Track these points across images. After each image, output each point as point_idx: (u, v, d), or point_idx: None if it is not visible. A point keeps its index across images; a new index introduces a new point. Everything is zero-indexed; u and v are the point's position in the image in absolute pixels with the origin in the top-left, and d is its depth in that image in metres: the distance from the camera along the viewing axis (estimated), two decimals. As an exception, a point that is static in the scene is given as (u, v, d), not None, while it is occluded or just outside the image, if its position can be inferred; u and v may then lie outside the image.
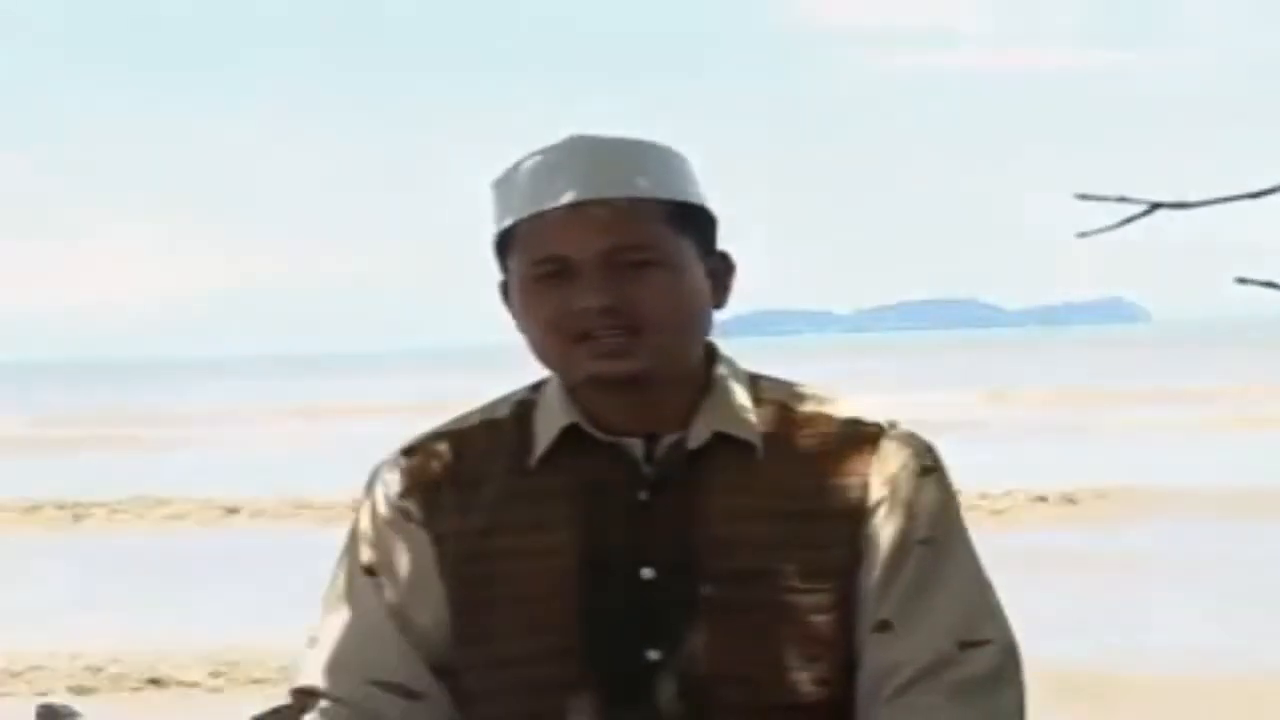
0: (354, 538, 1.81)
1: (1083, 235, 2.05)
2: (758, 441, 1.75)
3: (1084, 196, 2.04)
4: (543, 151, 1.76)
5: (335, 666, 1.76)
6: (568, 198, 1.71)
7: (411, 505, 1.78)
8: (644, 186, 1.73)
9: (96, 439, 27.99)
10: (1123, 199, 2.12)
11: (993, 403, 32.36)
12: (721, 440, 1.75)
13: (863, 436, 1.77)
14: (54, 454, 25.42)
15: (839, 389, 1.85)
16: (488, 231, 1.81)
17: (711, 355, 1.80)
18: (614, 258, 1.71)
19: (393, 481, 1.80)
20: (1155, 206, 2.14)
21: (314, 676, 1.77)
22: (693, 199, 1.76)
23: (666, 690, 1.69)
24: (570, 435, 1.76)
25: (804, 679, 1.71)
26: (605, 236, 1.71)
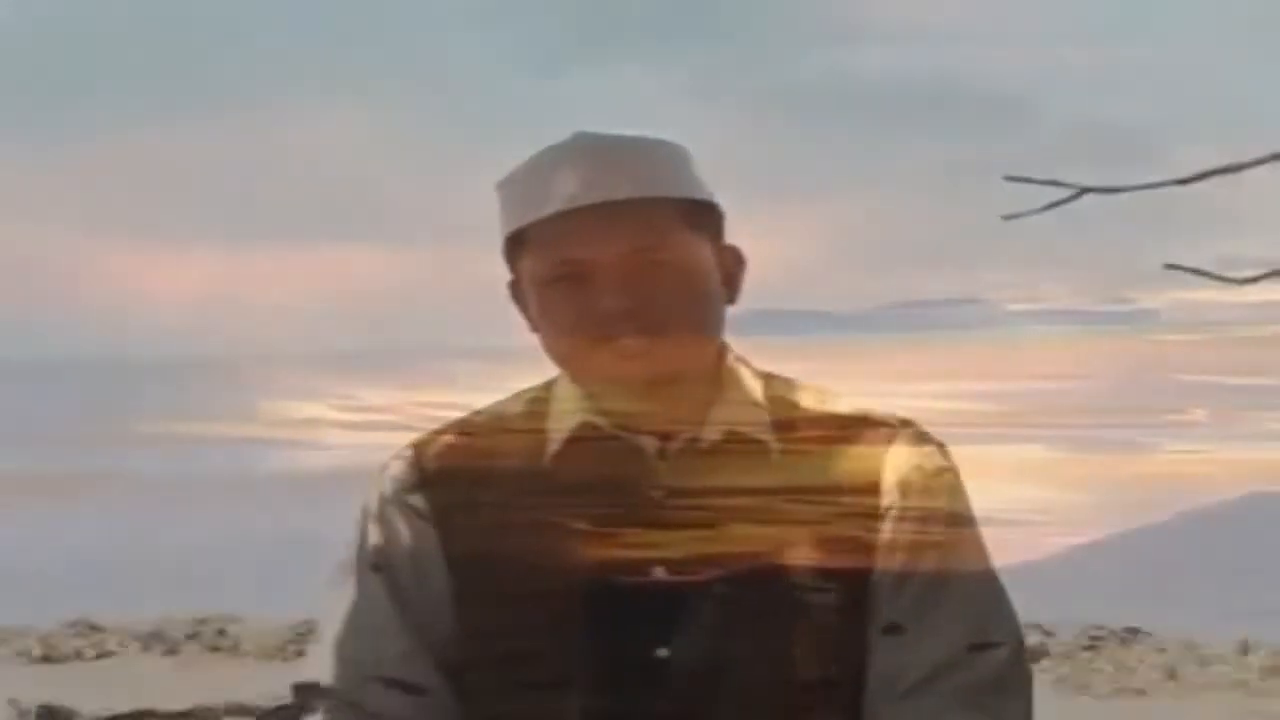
0: (361, 532, 1.79)
1: (1009, 218, 2.05)
2: (770, 439, 1.74)
3: (1012, 178, 2.03)
4: (549, 151, 1.73)
5: (338, 662, 1.75)
6: (580, 199, 1.67)
7: (419, 500, 1.76)
8: (656, 184, 1.70)
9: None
10: (1053, 183, 2.12)
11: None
12: (734, 438, 1.73)
13: (875, 435, 1.75)
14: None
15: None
16: None
17: (722, 353, 1.78)
18: (633, 259, 1.67)
19: (400, 476, 1.78)
20: (1084, 191, 2.14)
21: (316, 672, 1.76)
22: (702, 195, 1.74)
23: (676, 688, 1.67)
24: (584, 432, 1.74)
25: (813, 679, 1.69)
26: (623, 238, 1.67)
